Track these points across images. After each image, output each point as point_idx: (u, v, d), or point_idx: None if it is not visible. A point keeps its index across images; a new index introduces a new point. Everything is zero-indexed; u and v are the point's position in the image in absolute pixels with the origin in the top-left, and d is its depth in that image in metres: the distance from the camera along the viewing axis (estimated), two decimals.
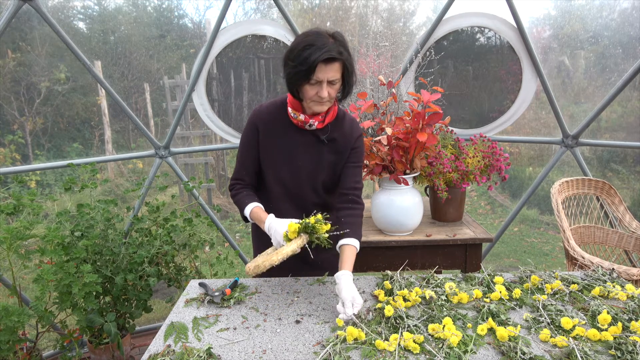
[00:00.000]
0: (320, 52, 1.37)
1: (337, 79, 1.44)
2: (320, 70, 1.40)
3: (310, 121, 1.55)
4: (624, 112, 4.75)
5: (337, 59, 1.40)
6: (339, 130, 1.63)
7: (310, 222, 1.41)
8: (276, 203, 1.69)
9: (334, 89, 1.47)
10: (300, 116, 1.55)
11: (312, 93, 1.46)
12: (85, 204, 2.37)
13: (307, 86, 1.45)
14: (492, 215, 6.12)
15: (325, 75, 1.41)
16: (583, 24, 4.06)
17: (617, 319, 1.30)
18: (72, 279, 2.03)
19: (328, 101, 1.49)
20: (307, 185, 1.66)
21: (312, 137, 1.61)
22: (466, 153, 2.36)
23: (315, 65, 1.38)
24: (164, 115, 6.36)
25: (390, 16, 4.90)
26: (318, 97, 1.45)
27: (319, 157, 1.62)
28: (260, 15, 5.41)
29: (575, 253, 2.31)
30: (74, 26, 5.19)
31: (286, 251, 1.37)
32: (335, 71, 1.42)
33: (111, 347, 2.38)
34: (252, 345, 1.24)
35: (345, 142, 1.63)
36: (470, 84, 3.08)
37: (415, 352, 1.18)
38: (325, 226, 1.43)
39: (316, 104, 1.49)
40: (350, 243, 1.52)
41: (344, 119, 1.65)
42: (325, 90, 1.43)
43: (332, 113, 1.59)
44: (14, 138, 5.30)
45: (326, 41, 1.39)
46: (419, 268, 2.31)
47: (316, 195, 1.69)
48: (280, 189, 1.67)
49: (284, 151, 1.61)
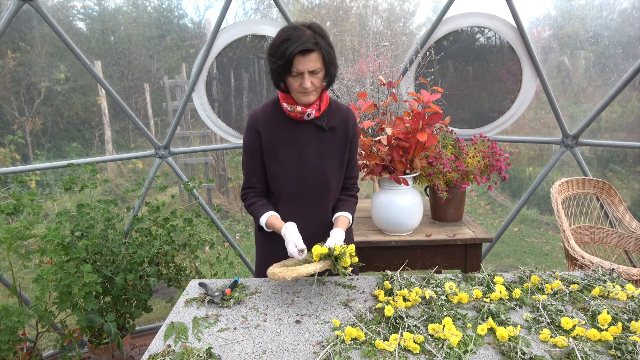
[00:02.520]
0: (296, 44, 1.42)
1: (318, 68, 1.48)
2: (299, 62, 1.44)
3: (308, 110, 1.58)
4: (624, 112, 4.75)
5: (312, 49, 1.44)
6: (336, 118, 1.68)
7: (336, 251, 1.44)
8: (283, 205, 1.69)
9: (317, 78, 1.51)
10: (298, 108, 1.57)
11: (296, 85, 1.51)
12: (85, 204, 2.37)
13: (291, 78, 1.50)
14: (492, 215, 6.12)
15: (305, 66, 1.45)
16: (583, 24, 4.06)
17: (617, 319, 1.30)
18: (72, 279, 2.03)
19: (314, 91, 1.53)
20: (315, 178, 1.65)
21: (312, 128, 1.65)
22: (466, 153, 2.36)
23: (292, 57, 1.43)
24: (164, 115, 6.36)
25: (390, 16, 4.90)
26: (302, 88, 1.49)
27: (323, 145, 1.65)
28: (260, 15, 5.41)
29: (575, 253, 2.31)
30: (74, 26, 5.19)
31: (303, 272, 1.39)
32: (315, 61, 1.46)
33: (111, 347, 2.38)
34: (252, 345, 1.24)
35: (344, 130, 1.69)
36: (470, 84, 3.08)
37: (415, 352, 1.18)
38: (347, 259, 1.44)
39: (302, 94, 1.53)
40: (344, 215, 1.70)
41: (338, 107, 1.70)
42: (307, 81, 1.48)
43: (325, 101, 1.63)
44: (13, 138, 5.30)
45: (302, 33, 1.43)
46: (419, 268, 2.31)
47: (323, 191, 1.68)
48: (286, 188, 1.66)
49: (288, 146, 1.63)
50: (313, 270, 1.40)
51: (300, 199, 1.67)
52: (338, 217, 1.70)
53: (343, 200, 1.76)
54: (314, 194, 1.68)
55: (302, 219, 1.63)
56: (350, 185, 1.79)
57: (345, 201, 1.76)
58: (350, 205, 1.76)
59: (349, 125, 1.69)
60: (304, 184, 1.65)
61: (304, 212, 1.68)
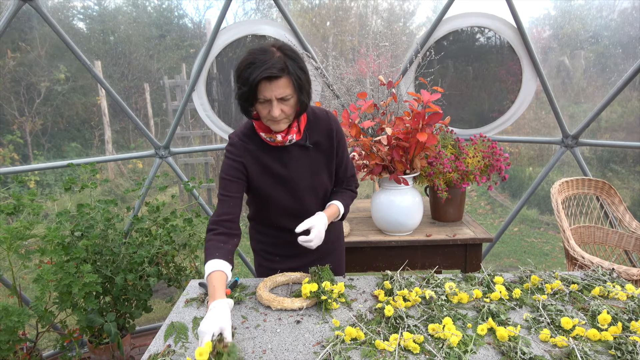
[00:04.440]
0: (260, 70, 1.29)
1: (287, 95, 1.35)
2: (265, 89, 1.32)
3: (289, 138, 1.50)
4: (624, 112, 4.75)
5: (279, 76, 1.31)
6: (317, 131, 1.59)
7: (325, 291, 1.44)
8: (278, 217, 1.66)
9: (288, 105, 1.38)
10: (278, 137, 1.48)
11: (264, 112, 1.39)
12: (85, 204, 2.37)
13: (259, 105, 1.39)
14: (492, 215, 6.12)
15: (272, 94, 1.33)
16: (583, 24, 4.06)
17: (617, 319, 1.30)
18: (72, 279, 2.03)
19: (285, 119, 1.42)
20: (308, 195, 1.63)
21: (297, 149, 1.57)
22: (466, 153, 2.35)
23: (255, 84, 1.31)
24: (164, 115, 6.35)
25: (390, 16, 4.89)
26: (271, 116, 1.38)
27: (310, 163, 1.60)
28: (260, 15, 5.41)
29: (575, 253, 2.31)
30: (74, 26, 5.19)
31: (287, 307, 1.44)
32: (283, 87, 1.33)
33: (111, 347, 2.38)
34: (252, 345, 1.24)
35: (328, 140, 1.61)
36: (470, 84, 3.08)
37: (415, 352, 1.18)
38: (335, 304, 1.44)
39: (272, 123, 1.42)
40: (333, 203, 1.64)
41: (316, 117, 1.60)
42: (276, 109, 1.35)
43: (303, 119, 1.55)
44: (13, 138, 5.29)
45: (268, 57, 1.30)
46: (419, 268, 2.31)
47: (317, 201, 1.67)
48: (281, 206, 1.62)
49: (278, 174, 1.57)
50: (298, 307, 1.43)
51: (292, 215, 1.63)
52: (328, 206, 1.64)
53: (337, 192, 1.70)
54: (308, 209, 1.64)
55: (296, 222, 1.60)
56: (349, 181, 1.74)
57: (339, 192, 1.70)
58: (343, 196, 1.69)
59: (332, 132, 1.60)
60: (296, 204, 1.63)
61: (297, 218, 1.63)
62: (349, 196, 1.72)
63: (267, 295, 1.47)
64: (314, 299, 1.45)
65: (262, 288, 1.53)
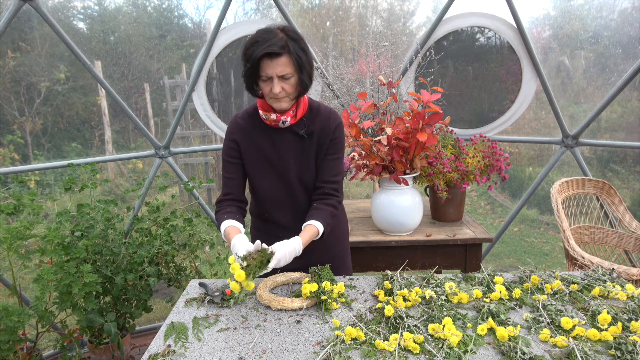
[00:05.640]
0: (262, 47, 1.36)
1: (288, 73, 1.41)
2: (267, 66, 1.39)
3: (282, 118, 1.53)
4: (623, 112, 4.75)
5: (280, 53, 1.37)
6: (316, 123, 1.59)
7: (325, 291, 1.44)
8: (270, 209, 1.68)
9: (289, 84, 1.44)
10: (272, 116, 1.53)
11: (267, 89, 1.45)
12: (85, 204, 2.37)
13: (261, 83, 1.45)
14: (492, 215, 6.12)
15: (273, 71, 1.39)
16: (583, 24, 4.06)
17: (617, 319, 1.30)
18: (72, 279, 2.03)
19: (286, 97, 1.47)
20: (297, 184, 1.64)
21: (291, 135, 1.59)
22: (466, 153, 2.36)
23: (257, 60, 1.38)
24: (164, 115, 6.35)
25: (390, 16, 4.90)
26: (272, 93, 1.44)
27: (302, 153, 1.60)
28: (260, 15, 5.41)
29: (575, 253, 2.31)
30: (74, 26, 5.19)
31: (287, 307, 1.43)
32: (283, 65, 1.39)
33: (111, 347, 2.38)
34: (252, 345, 1.24)
35: (324, 134, 1.59)
36: (470, 84, 3.08)
37: (415, 352, 1.18)
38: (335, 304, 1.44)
39: (274, 100, 1.48)
40: (310, 224, 1.54)
41: (318, 111, 1.61)
42: (277, 86, 1.42)
43: (303, 106, 1.57)
44: (13, 138, 5.30)
45: (271, 36, 1.37)
46: (419, 268, 2.31)
47: (307, 194, 1.67)
48: (271, 194, 1.65)
49: (268, 155, 1.60)
50: (298, 307, 1.43)
51: (283, 204, 1.66)
52: (305, 227, 1.55)
53: (316, 209, 1.59)
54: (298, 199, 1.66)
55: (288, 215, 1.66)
56: (330, 190, 1.62)
57: (320, 210, 1.58)
58: (323, 215, 1.57)
59: (329, 127, 1.59)
60: (285, 192, 1.64)
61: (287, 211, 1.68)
62: (329, 215, 1.60)
63: (267, 295, 1.47)
64: (314, 299, 1.45)
65: (262, 288, 1.53)
